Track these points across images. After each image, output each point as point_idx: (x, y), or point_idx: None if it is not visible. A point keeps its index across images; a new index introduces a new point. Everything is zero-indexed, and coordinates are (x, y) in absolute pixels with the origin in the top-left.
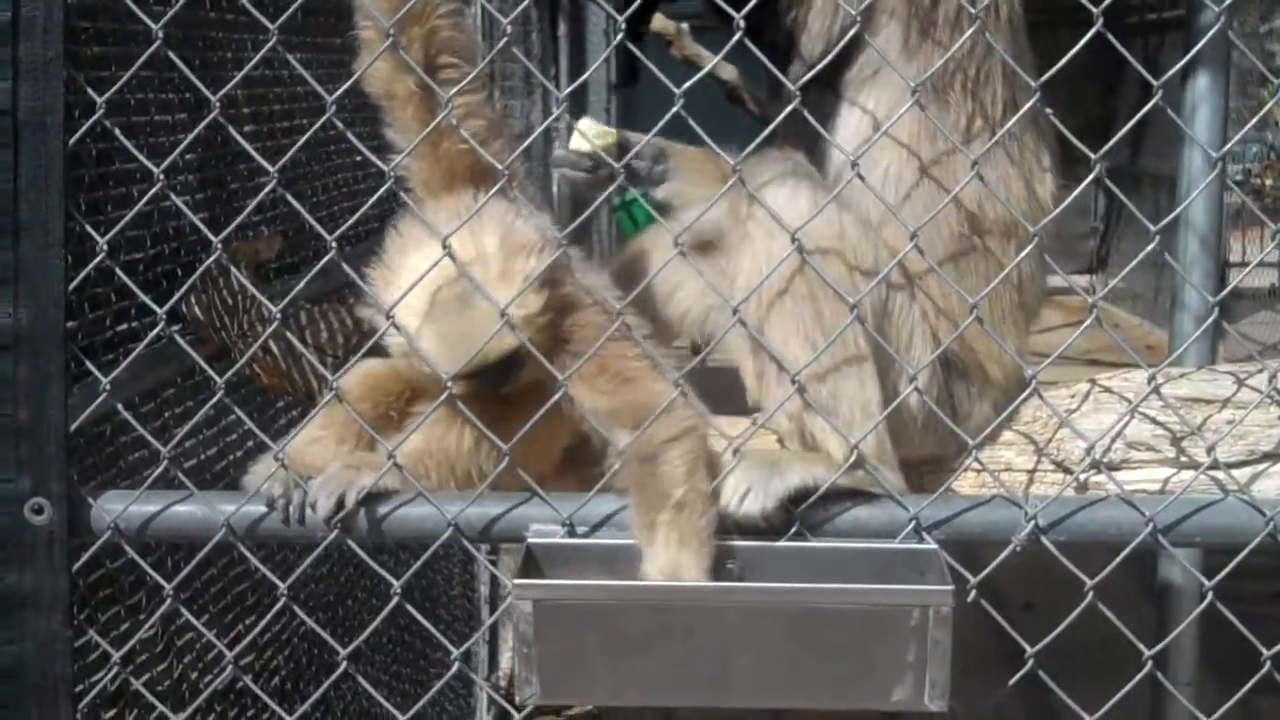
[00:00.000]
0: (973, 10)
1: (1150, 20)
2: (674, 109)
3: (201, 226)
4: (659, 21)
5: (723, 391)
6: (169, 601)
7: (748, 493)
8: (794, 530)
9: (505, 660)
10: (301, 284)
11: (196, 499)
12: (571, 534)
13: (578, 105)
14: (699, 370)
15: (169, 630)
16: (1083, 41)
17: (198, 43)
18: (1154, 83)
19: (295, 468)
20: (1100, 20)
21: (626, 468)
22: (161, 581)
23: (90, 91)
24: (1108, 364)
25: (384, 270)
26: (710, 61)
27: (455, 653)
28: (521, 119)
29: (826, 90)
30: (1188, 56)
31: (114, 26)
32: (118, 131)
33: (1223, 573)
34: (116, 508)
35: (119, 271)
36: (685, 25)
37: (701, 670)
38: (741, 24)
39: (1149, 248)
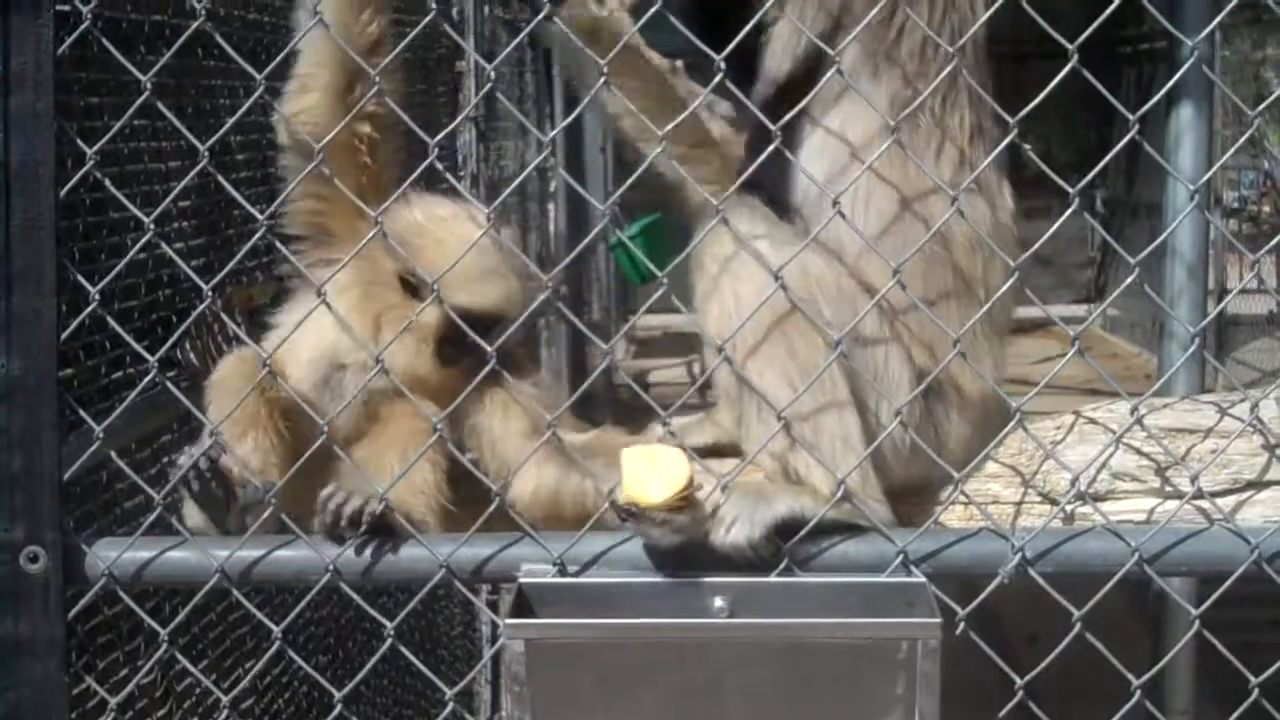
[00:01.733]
0: (949, 49)
1: (1142, 50)
2: (658, 149)
3: (193, 275)
4: (655, 59)
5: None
6: (165, 647)
7: (734, 522)
8: (783, 566)
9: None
10: (293, 329)
11: (190, 544)
12: (563, 573)
13: (573, 145)
14: None
15: (168, 676)
16: (1058, 79)
17: (190, 91)
18: (1130, 116)
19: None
20: (1075, 56)
21: None
22: (157, 627)
23: (80, 143)
24: (1106, 394)
25: (429, 237)
26: (699, 101)
27: (449, 692)
28: (515, 159)
29: (792, 112)
30: (1165, 89)
31: (106, 77)
32: (108, 182)
33: (1209, 601)
34: (111, 555)
35: (111, 320)
36: (680, 63)
37: (694, 706)
38: (722, 65)
39: (1129, 279)
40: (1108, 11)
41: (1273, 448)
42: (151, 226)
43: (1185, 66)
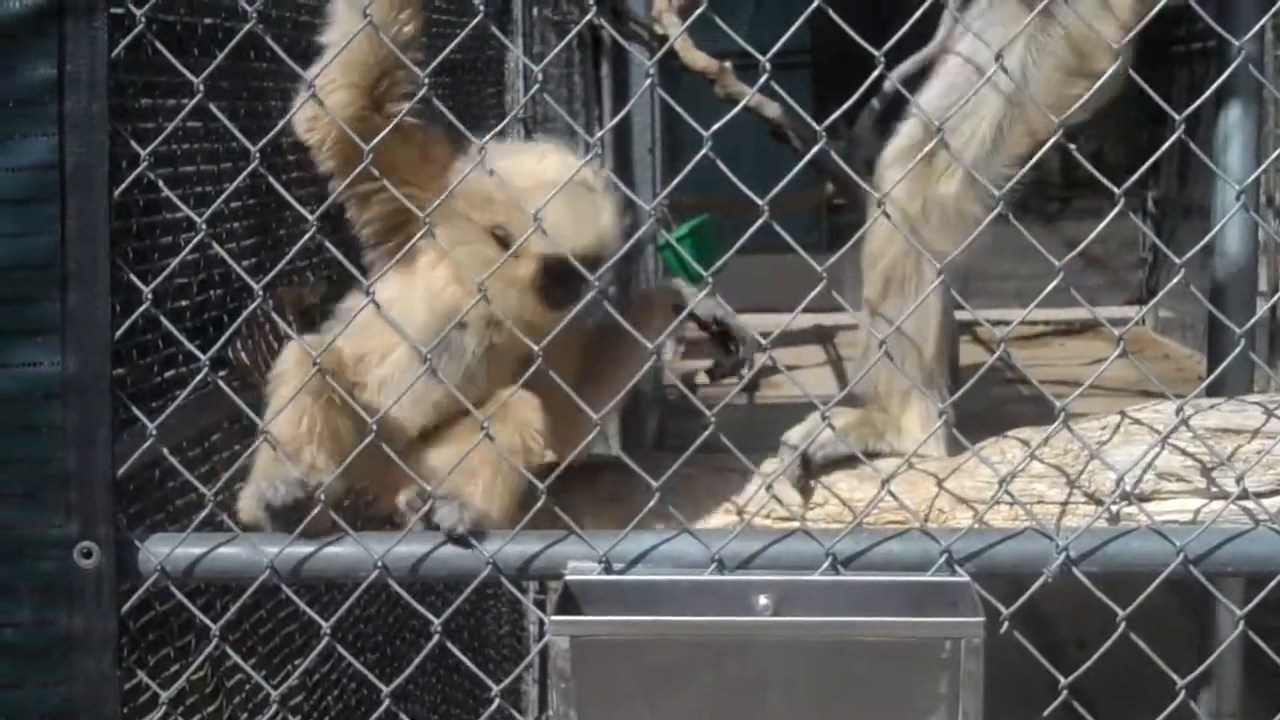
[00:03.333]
0: None
1: (1195, 49)
2: (703, 150)
3: (244, 275)
4: (702, 60)
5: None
6: (215, 643)
7: None
8: (826, 564)
9: (554, 697)
10: (344, 328)
11: (241, 541)
12: (608, 570)
13: (621, 146)
14: None
15: (218, 671)
16: (1105, 77)
17: (242, 93)
18: (1176, 117)
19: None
20: (1119, 58)
21: None
22: (208, 623)
23: (134, 144)
24: (1158, 395)
25: (513, 187)
26: (747, 100)
27: (495, 689)
28: None
29: None
30: (1212, 88)
31: (161, 79)
32: (161, 183)
33: (1254, 601)
34: (163, 550)
35: (164, 319)
36: (728, 64)
37: (737, 704)
38: (768, 66)
39: (1174, 280)
40: (1154, 10)
41: None
42: (204, 227)
43: (1233, 66)
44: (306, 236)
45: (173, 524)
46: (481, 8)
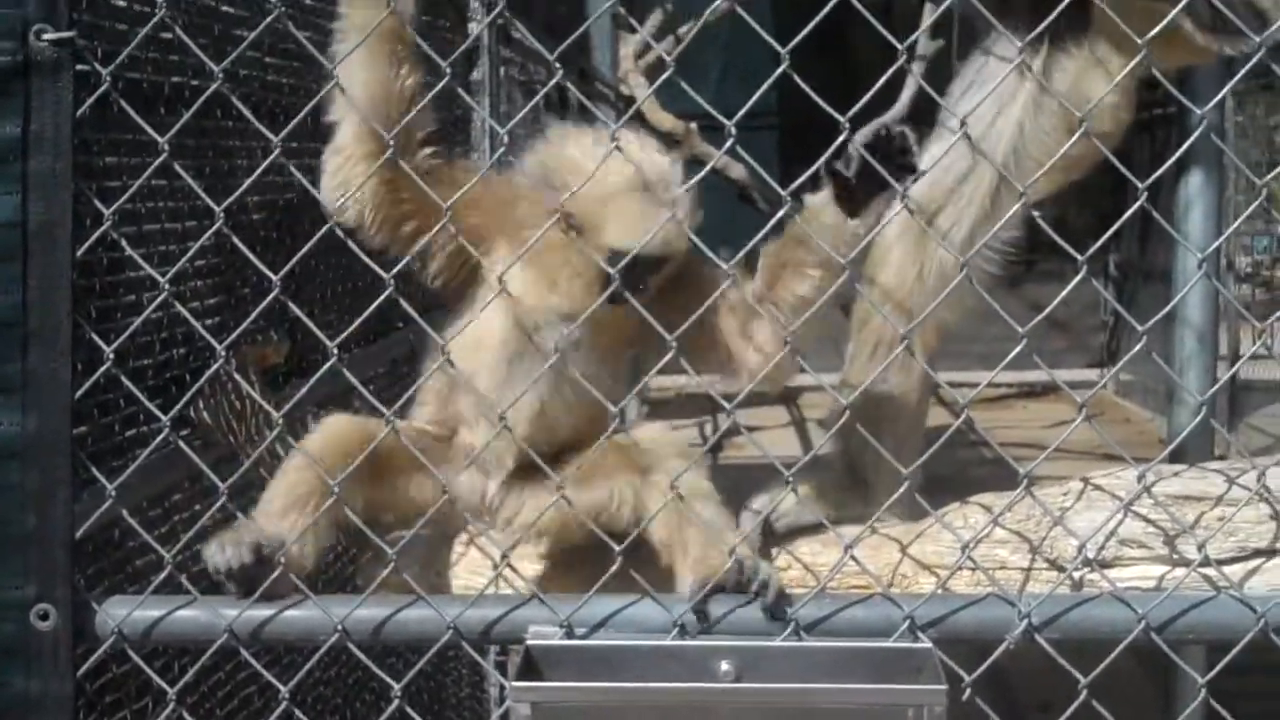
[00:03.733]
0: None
1: (1157, 115)
2: (669, 215)
3: (206, 334)
4: (669, 121)
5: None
6: (173, 706)
7: None
8: (790, 630)
9: None
10: (305, 389)
11: (200, 604)
12: (570, 635)
13: None
14: None
15: None
16: (1068, 145)
17: (208, 151)
18: (1139, 184)
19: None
20: (1085, 124)
21: None
22: (165, 686)
23: (98, 203)
24: (1119, 459)
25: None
26: (715, 160)
27: None
28: None
29: None
30: (1174, 157)
31: (126, 138)
32: (125, 242)
33: (1216, 669)
34: (121, 613)
35: (125, 379)
36: (694, 125)
37: None
38: (733, 130)
39: (1137, 346)
40: (1118, 80)
41: (1279, 516)
42: (167, 286)
43: (1195, 135)
44: (271, 296)
45: (132, 585)
46: (448, 69)
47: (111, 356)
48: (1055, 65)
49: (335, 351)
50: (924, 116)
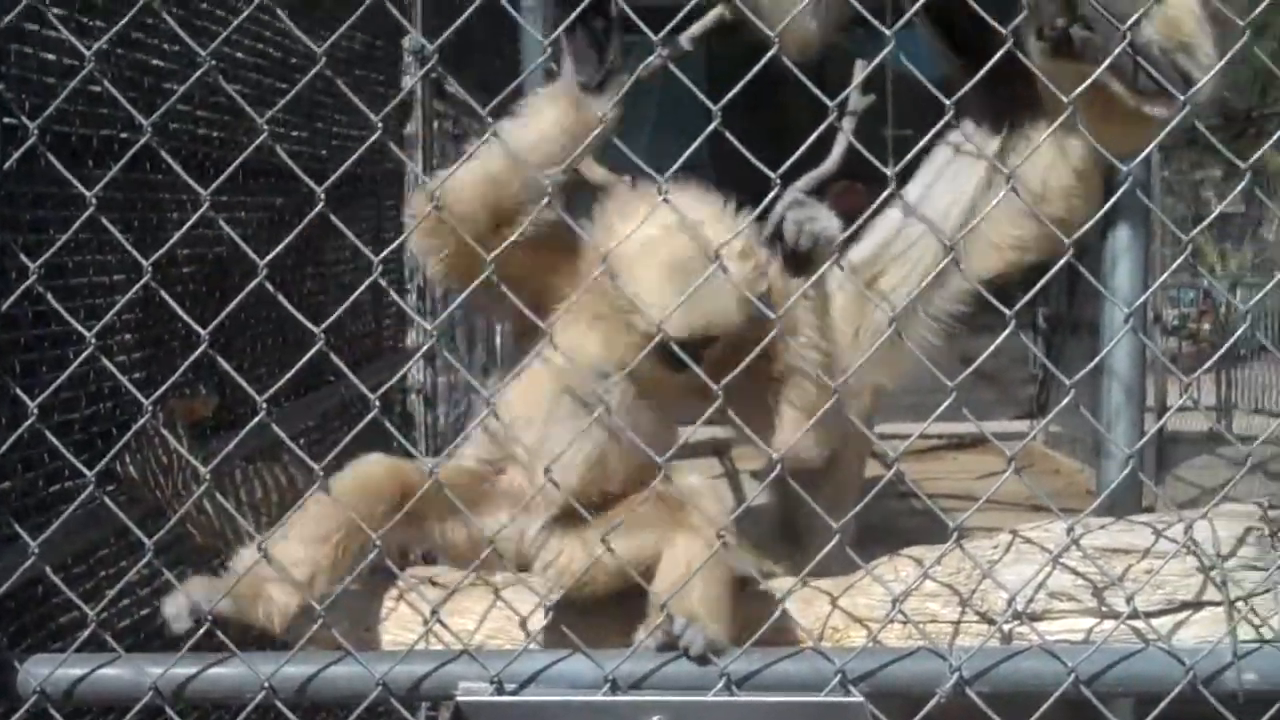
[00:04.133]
0: None
1: None
2: (601, 268)
3: (132, 389)
4: (600, 174)
5: None
6: None
7: None
8: (721, 685)
9: None
10: (233, 444)
11: (124, 661)
12: (500, 691)
13: None
14: None
15: None
16: (997, 201)
17: (137, 205)
18: (1065, 239)
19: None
20: (1011, 181)
21: None
22: None
23: (23, 257)
24: (1046, 510)
25: (631, 259)
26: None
27: None
28: None
29: None
30: (1100, 212)
31: (53, 191)
32: (50, 296)
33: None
34: (43, 671)
35: (49, 434)
36: (628, 179)
37: None
38: (666, 186)
39: (1065, 400)
40: (1044, 137)
41: (1207, 569)
42: (93, 340)
43: (1120, 190)
44: (199, 351)
45: (55, 642)
46: (379, 123)
47: (36, 411)
48: (1012, 148)
49: (264, 405)
50: (855, 172)
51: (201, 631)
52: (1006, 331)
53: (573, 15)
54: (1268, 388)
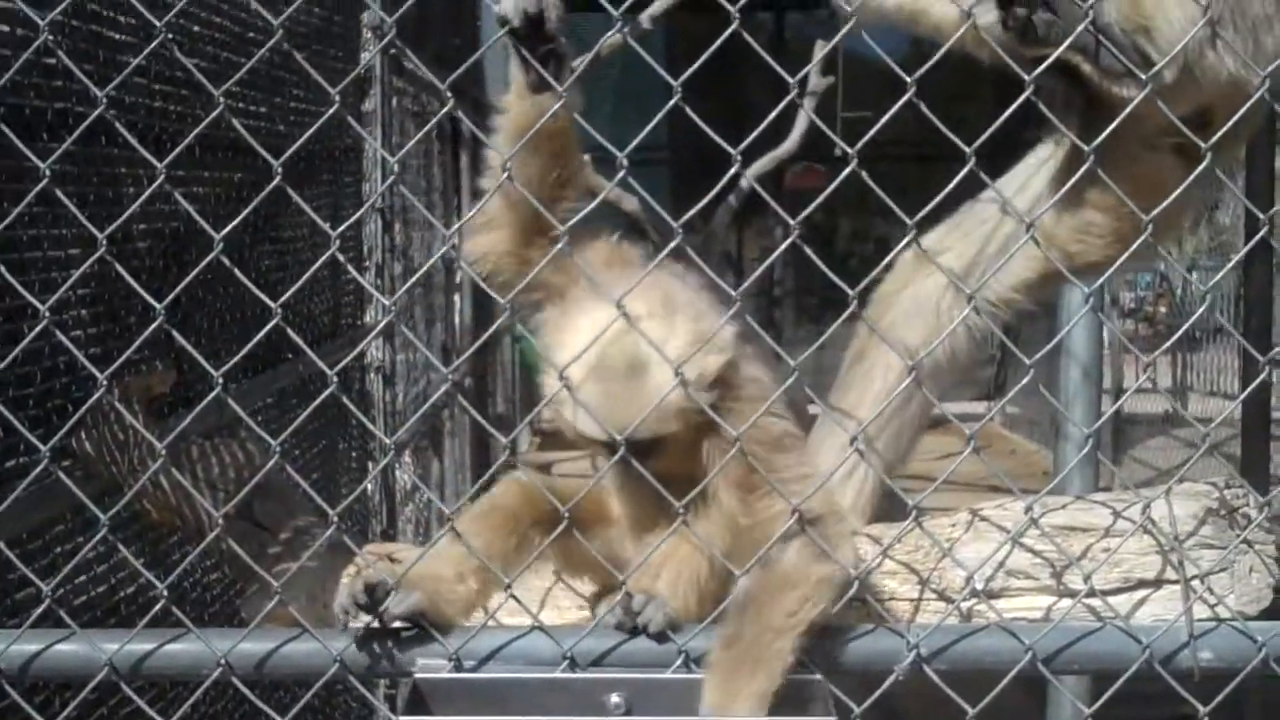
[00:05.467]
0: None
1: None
2: (560, 243)
3: (88, 364)
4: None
5: None
6: None
7: None
8: (680, 662)
9: None
10: (188, 419)
11: (79, 637)
12: (458, 668)
13: None
14: None
15: None
16: (956, 180)
17: (93, 178)
18: (1025, 221)
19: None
20: (973, 159)
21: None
22: None
23: None
24: (1006, 491)
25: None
26: (608, 192)
27: None
28: (422, 250)
29: None
30: (1061, 193)
31: (7, 163)
32: (3, 269)
33: (1102, 699)
34: None
35: (3, 408)
36: (587, 157)
37: None
38: (625, 162)
39: (1024, 380)
40: (1005, 115)
41: (1164, 548)
42: (47, 314)
43: (1080, 171)
44: (154, 325)
45: (11, 619)
46: (336, 97)
47: None
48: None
49: (220, 381)
50: (813, 152)
51: (158, 608)
52: (966, 309)
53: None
54: (1223, 370)
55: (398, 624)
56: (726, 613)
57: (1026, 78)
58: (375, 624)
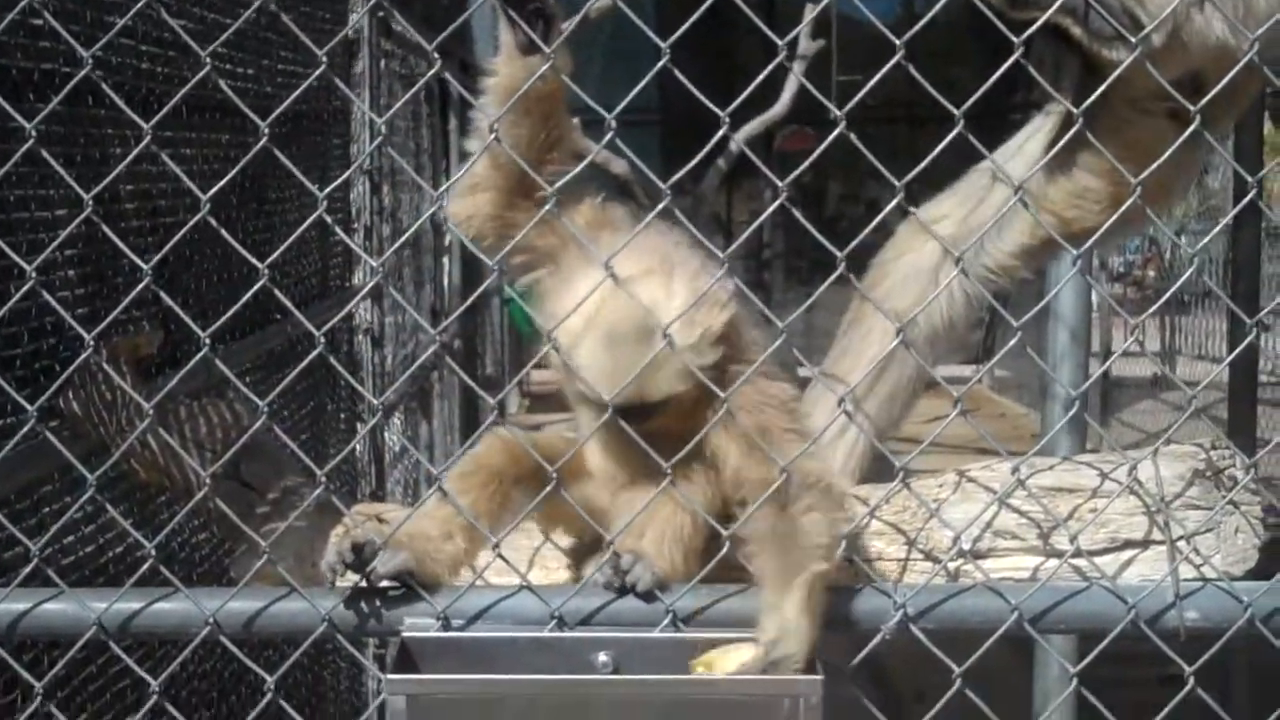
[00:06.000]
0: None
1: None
2: (549, 204)
3: (75, 324)
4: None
5: None
6: (39, 701)
7: None
8: (667, 621)
9: None
10: (176, 379)
11: (67, 596)
12: (446, 627)
13: None
14: None
15: None
16: (945, 141)
17: (80, 139)
18: (1013, 183)
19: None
20: (961, 121)
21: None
22: (32, 680)
23: None
24: (994, 453)
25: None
26: (596, 155)
27: None
28: (411, 212)
29: None
30: (1051, 153)
31: None
32: None
33: (1087, 659)
34: None
35: None
36: (576, 120)
37: None
38: (614, 124)
39: (1012, 342)
40: (993, 79)
41: (1150, 509)
42: (34, 274)
43: (1071, 132)
44: (140, 286)
45: (0, 579)
46: (324, 58)
47: None
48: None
49: (208, 341)
50: (803, 115)
51: (146, 567)
52: (955, 272)
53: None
54: (1211, 334)
55: (385, 583)
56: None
57: (1016, 40)
58: (363, 583)
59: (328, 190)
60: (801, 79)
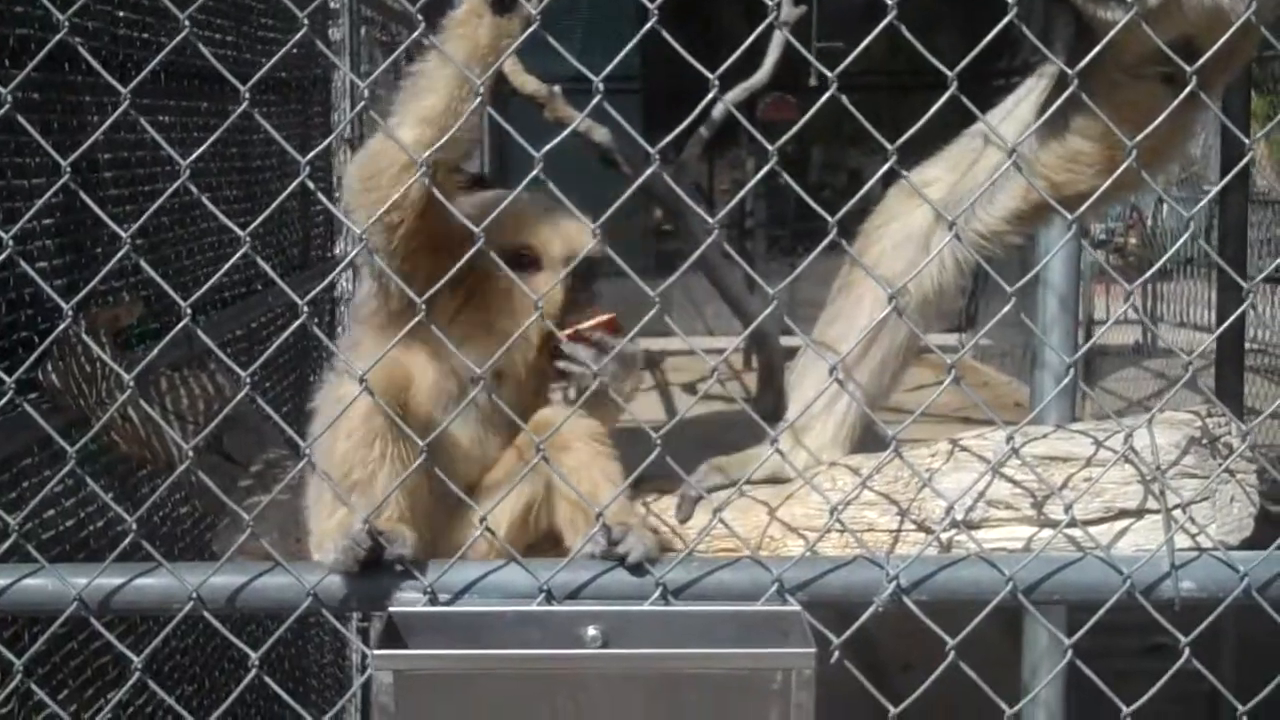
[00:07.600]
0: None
1: (1017, 83)
2: (534, 172)
3: (53, 294)
4: (532, 84)
5: None
6: (19, 677)
7: None
8: (657, 594)
9: None
10: (156, 351)
11: (48, 572)
12: (433, 602)
13: None
14: None
15: (26, 706)
16: (936, 106)
17: (57, 106)
18: (1005, 145)
19: None
20: (954, 84)
21: None
22: (11, 657)
23: None
24: (980, 421)
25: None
26: (578, 123)
27: None
28: None
29: None
30: (1041, 119)
31: None
32: None
33: (1082, 630)
34: None
35: None
36: (558, 88)
37: None
38: (601, 86)
39: (1005, 309)
40: (985, 41)
41: (1145, 478)
42: (10, 243)
43: (1063, 97)
44: (120, 254)
45: None
46: (305, 20)
47: None
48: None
49: (189, 312)
50: (786, 81)
51: (127, 542)
52: (946, 239)
53: None
54: (1194, 301)
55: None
56: None
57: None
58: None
59: (310, 155)
60: (792, 40)
